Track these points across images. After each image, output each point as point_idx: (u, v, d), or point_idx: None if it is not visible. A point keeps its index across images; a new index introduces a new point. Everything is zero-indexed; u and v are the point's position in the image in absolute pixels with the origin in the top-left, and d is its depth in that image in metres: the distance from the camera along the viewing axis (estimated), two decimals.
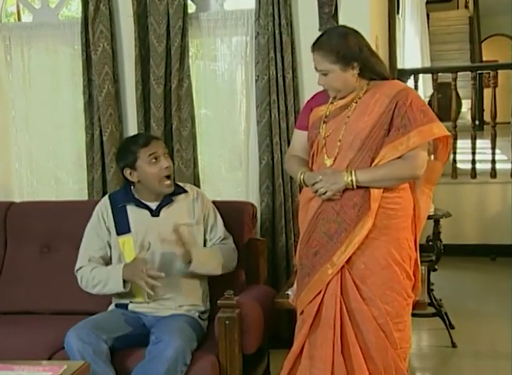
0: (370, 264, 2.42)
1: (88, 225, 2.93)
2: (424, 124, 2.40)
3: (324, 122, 2.54)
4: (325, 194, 2.43)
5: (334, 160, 2.48)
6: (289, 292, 2.75)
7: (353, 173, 2.40)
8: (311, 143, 2.59)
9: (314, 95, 2.77)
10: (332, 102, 2.56)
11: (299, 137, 2.69)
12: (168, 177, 2.83)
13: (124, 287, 2.72)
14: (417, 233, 2.56)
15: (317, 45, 2.50)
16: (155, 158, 2.80)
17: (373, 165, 2.43)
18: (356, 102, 2.49)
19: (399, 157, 2.41)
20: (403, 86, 2.52)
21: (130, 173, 2.85)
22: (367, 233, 2.40)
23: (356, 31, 2.57)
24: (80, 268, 2.86)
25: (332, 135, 2.50)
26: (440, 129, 2.46)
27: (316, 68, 2.50)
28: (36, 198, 3.87)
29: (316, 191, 2.45)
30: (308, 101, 2.77)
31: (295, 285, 2.64)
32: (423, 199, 2.56)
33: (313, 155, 2.58)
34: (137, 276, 2.65)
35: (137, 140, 2.89)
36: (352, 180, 2.40)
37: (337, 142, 2.48)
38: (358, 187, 2.41)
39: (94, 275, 2.80)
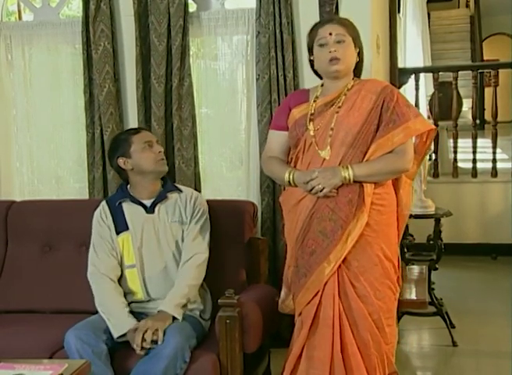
0: (363, 261, 2.44)
1: (92, 231, 2.90)
2: (411, 119, 2.46)
3: (310, 119, 2.53)
4: (321, 191, 2.42)
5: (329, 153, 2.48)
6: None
7: (349, 167, 2.41)
8: (296, 141, 2.56)
9: (291, 95, 2.77)
10: (314, 100, 2.57)
11: (277, 137, 2.65)
12: (162, 159, 2.87)
13: (118, 338, 2.63)
14: (399, 229, 2.59)
15: (338, 20, 2.59)
16: (149, 144, 2.85)
17: (364, 160, 2.45)
18: (342, 98, 2.51)
19: (389, 151, 2.44)
20: (384, 83, 2.59)
21: (124, 163, 2.86)
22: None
23: None
24: (92, 273, 2.82)
25: (321, 130, 2.50)
26: (424, 124, 2.51)
27: (331, 34, 2.49)
28: (37, 196, 3.88)
29: (311, 189, 2.44)
30: (285, 101, 2.75)
31: (282, 292, 2.67)
32: (405, 195, 2.59)
33: (298, 152, 2.56)
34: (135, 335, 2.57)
35: (127, 130, 3.03)
36: (349, 175, 2.40)
37: (328, 138, 2.48)
38: (353, 182, 2.42)
39: (102, 299, 2.75)
